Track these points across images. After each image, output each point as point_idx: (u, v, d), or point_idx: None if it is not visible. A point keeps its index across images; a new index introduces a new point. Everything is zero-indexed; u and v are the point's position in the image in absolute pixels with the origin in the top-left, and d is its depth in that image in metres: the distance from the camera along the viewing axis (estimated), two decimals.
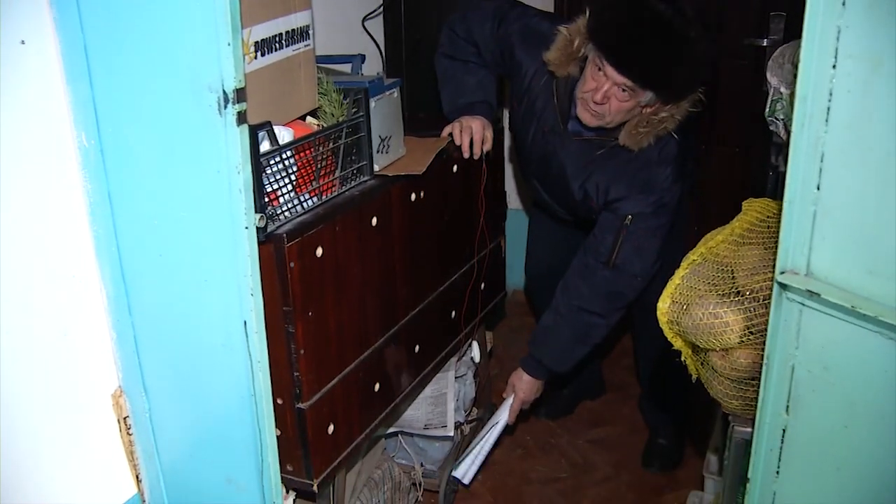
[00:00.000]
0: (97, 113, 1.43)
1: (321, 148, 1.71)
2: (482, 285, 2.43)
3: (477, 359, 2.58)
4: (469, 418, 2.57)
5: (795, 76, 1.13)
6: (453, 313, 2.30)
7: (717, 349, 1.42)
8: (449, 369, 2.39)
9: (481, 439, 2.41)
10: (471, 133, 2.18)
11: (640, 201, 2.14)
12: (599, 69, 1.99)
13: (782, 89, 1.71)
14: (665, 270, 1.48)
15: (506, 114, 3.24)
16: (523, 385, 2.41)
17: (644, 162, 2.13)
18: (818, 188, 1.14)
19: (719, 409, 1.56)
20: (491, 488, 2.58)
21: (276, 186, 1.60)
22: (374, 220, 1.83)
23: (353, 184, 1.82)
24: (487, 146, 2.22)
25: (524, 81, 2.22)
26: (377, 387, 1.94)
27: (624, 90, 1.98)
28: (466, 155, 2.18)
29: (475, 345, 2.55)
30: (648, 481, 2.62)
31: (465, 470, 2.39)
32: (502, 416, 2.41)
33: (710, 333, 1.36)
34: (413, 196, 1.98)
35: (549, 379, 2.45)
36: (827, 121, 1.11)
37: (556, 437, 2.84)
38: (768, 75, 1.75)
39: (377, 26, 2.85)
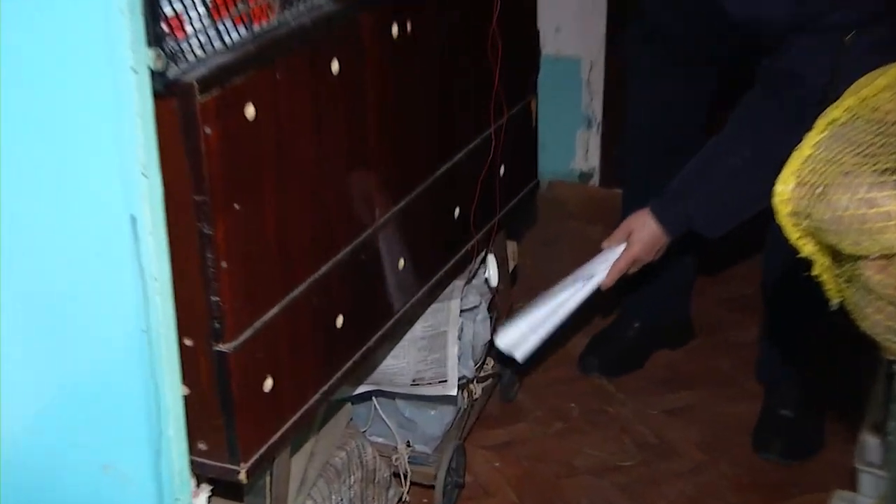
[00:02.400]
0: None
1: None
2: (501, 170, 2.44)
3: (494, 282, 2.60)
4: (482, 373, 2.58)
5: None
6: (457, 212, 2.30)
7: (874, 256, 1.40)
8: (451, 297, 2.40)
9: (554, 300, 2.38)
10: None
11: (857, 5, 2.14)
12: None
13: None
14: None
15: None
16: (646, 236, 2.37)
17: None
18: None
19: (877, 356, 1.55)
20: (514, 479, 2.60)
21: (179, 8, 1.57)
22: (336, 66, 1.81)
23: (300, 7, 1.79)
24: None
25: None
26: (340, 321, 1.94)
27: None
28: None
29: (491, 260, 2.57)
30: (763, 474, 2.63)
31: (519, 340, 2.35)
32: (597, 273, 2.38)
33: (863, 231, 1.34)
34: (395, 29, 1.96)
35: (676, 242, 2.44)
36: None
37: (617, 405, 2.87)
38: None
39: None
